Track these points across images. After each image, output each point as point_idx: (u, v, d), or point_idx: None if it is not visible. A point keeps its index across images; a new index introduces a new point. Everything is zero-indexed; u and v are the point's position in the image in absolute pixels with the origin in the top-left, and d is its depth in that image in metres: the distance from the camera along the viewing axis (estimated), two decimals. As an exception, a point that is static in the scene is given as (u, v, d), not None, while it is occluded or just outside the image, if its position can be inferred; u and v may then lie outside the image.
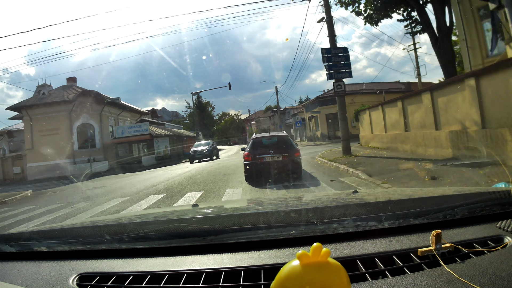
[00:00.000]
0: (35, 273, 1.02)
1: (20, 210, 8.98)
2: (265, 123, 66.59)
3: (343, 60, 12.77)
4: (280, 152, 8.53)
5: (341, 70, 12.72)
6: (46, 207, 8.95)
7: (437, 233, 0.88)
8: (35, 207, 9.20)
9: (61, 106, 25.96)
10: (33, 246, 1.18)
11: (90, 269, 1.01)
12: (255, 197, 6.45)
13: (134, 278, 0.94)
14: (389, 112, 13.34)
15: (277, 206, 1.69)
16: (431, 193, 1.60)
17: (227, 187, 8.52)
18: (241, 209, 1.83)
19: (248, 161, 8.62)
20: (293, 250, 0.99)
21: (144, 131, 25.98)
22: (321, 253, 0.59)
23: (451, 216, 1.08)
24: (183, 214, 1.60)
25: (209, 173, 12.74)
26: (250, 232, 1.08)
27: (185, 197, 7.71)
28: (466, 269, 0.80)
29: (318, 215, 1.22)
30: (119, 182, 14.00)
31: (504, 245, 0.91)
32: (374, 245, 0.98)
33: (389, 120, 13.41)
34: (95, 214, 7.09)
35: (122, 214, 3.81)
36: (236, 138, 71.50)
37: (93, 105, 27.23)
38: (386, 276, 0.83)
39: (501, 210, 1.10)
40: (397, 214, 1.11)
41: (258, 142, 9.28)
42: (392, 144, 13.10)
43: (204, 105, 57.27)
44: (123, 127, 26.66)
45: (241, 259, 0.97)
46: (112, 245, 1.13)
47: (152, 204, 7.30)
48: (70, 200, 9.72)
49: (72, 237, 1.25)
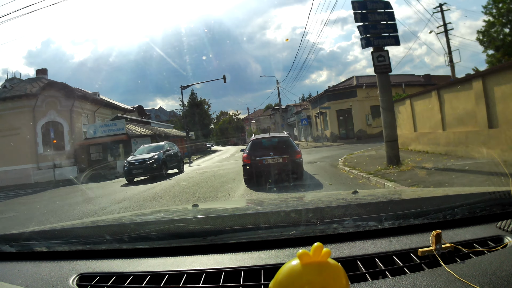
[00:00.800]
0: (35, 273, 1.02)
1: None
2: (265, 122, 62.83)
3: (386, 19, 8.52)
4: (280, 153, 8.23)
5: (382, 33, 8.49)
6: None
7: (437, 233, 0.87)
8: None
9: (23, 101, 21.86)
10: (33, 246, 1.18)
11: (90, 269, 1.01)
12: (255, 197, 6.37)
13: (134, 278, 0.93)
14: (451, 100, 9.01)
15: (277, 206, 1.69)
16: (431, 193, 1.64)
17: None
18: (241, 209, 1.81)
19: (247, 164, 8.32)
20: (293, 250, 0.98)
21: (120, 130, 21.53)
22: (322, 253, 0.58)
23: (451, 216, 1.08)
24: (183, 214, 1.61)
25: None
26: (250, 232, 1.08)
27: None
28: (466, 269, 0.80)
29: (318, 215, 1.21)
30: (53, 203, 10.15)
31: (504, 245, 0.91)
32: (374, 245, 0.97)
33: (451, 112, 9.07)
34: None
35: (122, 214, 3.41)
36: (235, 138, 68.92)
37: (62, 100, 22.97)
38: (386, 276, 0.82)
39: (501, 210, 1.09)
40: (397, 214, 1.10)
41: (258, 144, 8.93)
42: (457, 147, 8.84)
43: (199, 102, 52.68)
44: (95, 126, 22.23)
45: (241, 259, 0.97)
46: (112, 245, 1.12)
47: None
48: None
49: (72, 237, 1.24)
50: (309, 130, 37.53)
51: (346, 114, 28.30)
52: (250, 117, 72.99)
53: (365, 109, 27.54)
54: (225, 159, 22.61)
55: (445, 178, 6.27)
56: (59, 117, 22.84)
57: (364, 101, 27.48)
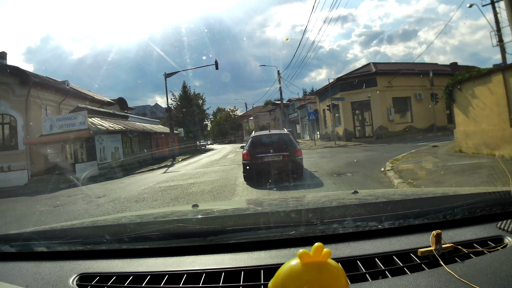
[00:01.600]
0: (35, 273, 1.01)
1: None
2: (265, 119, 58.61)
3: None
4: (280, 151, 8.27)
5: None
6: None
7: (437, 233, 0.87)
8: None
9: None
10: (33, 246, 1.18)
11: (90, 269, 1.01)
12: (255, 197, 6.31)
13: (134, 278, 0.93)
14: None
15: (277, 206, 1.69)
16: (431, 193, 1.60)
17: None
18: (241, 209, 1.79)
19: (247, 161, 8.34)
20: (293, 250, 0.98)
21: (80, 125, 17.03)
22: (322, 253, 0.58)
23: (451, 216, 1.08)
24: (183, 214, 1.60)
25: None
26: (250, 232, 1.07)
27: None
28: (466, 269, 0.80)
29: (318, 216, 1.21)
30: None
31: (504, 245, 0.91)
32: (374, 246, 0.97)
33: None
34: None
35: (122, 215, 3.30)
36: (232, 136, 64.89)
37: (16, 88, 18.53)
38: (386, 276, 0.82)
39: (501, 210, 1.10)
40: (397, 215, 1.10)
41: (258, 141, 8.97)
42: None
43: (192, 97, 47.53)
44: (51, 119, 17.57)
45: (241, 259, 0.96)
46: (112, 245, 1.12)
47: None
48: None
49: (72, 237, 1.24)
50: (315, 127, 33.12)
51: (363, 107, 23.84)
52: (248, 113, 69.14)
53: (386, 101, 23.15)
54: (213, 162, 18.25)
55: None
56: (11, 109, 18.45)
57: (385, 91, 23.11)
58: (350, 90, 23.56)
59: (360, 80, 23.20)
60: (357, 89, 23.32)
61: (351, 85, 23.49)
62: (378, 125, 23.06)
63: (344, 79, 24.22)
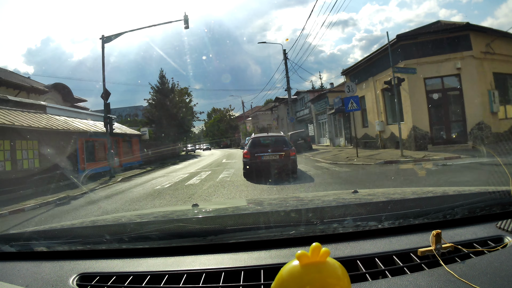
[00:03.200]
0: (35, 273, 1.00)
1: None
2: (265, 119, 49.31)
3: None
4: (277, 151, 9.39)
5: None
6: None
7: (437, 233, 0.87)
8: None
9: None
10: (33, 246, 1.16)
11: (90, 269, 1.00)
12: (255, 197, 6.37)
13: (134, 278, 0.92)
14: None
15: (277, 206, 1.68)
16: (431, 193, 1.58)
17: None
18: (241, 209, 1.79)
19: (247, 159, 9.46)
20: (293, 250, 0.98)
21: None
22: (320, 253, 0.58)
23: (451, 216, 1.07)
24: (183, 214, 1.59)
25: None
26: (250, 232, 1.07)
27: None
28: (466, 269, 0.79)
29: (318, 215, 1.20)
30: None
31: (504, 245, 0.90)
32: (374, 245, 0.97)
33: None
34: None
35: (122, 214, 3.39)
36: (228, 139, 57.10)
37: None
38: (386, 276, 0.82)
39: (501, 210, 1.09)
40: (397, 214, 1.10)
41: (257, 141, 10.16)
42: None
43: (176, 92, 34.35)
44: None
45: (241, 259, 0.96)
46: (112, 245, 1.11)
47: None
48: None
49: (72, 237, 1.23)
50: (341, 126, 23.33)
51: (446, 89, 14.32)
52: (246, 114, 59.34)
53: (486, 78, 13.58)
54: (175, 184, 9.09)
55: None
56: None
57: (483, 60, 13.53)
58: (421, 58, 13.80)
59: (439, 39, 13.52)
60: (435, 55, 13.62)
61: (424, 48, 13.73)
62: (476, 121, 12.60)
63: (411, 36, 13.79)
